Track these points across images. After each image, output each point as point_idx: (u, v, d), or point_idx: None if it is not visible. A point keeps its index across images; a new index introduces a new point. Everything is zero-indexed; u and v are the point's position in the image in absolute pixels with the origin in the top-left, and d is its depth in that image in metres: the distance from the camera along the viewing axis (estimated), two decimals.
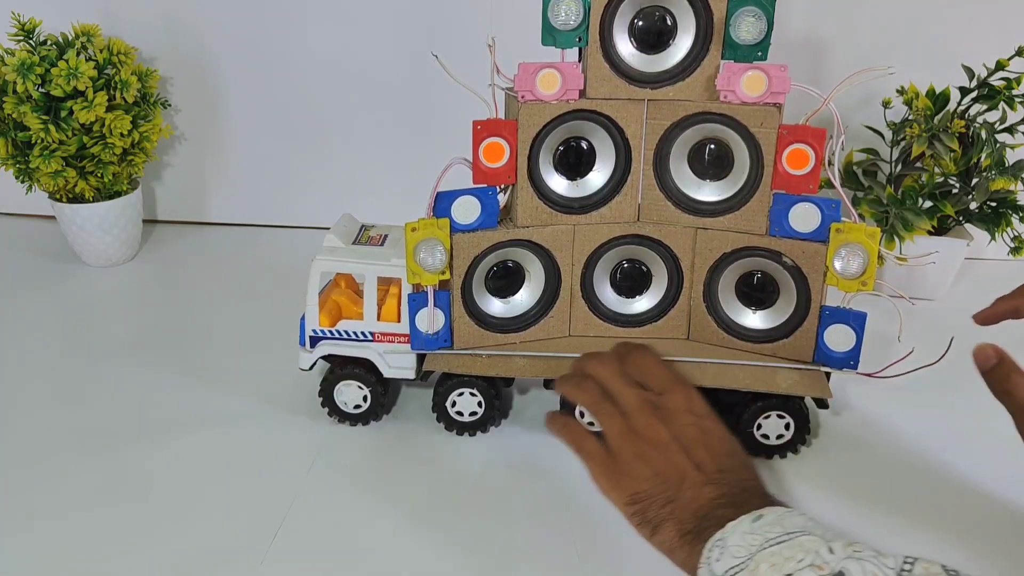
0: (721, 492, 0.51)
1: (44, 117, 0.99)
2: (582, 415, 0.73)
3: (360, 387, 0.74)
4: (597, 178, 0.72)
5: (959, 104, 0.94)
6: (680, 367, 0.72)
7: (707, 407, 0.58)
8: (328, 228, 0.75)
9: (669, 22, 0.68)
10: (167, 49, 1.15)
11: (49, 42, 1.02)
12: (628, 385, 0.59)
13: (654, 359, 0.63)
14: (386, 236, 0.77)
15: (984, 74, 0.92)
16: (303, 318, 0.74)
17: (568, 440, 0.59)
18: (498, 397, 0.74)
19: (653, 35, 0.68)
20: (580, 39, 0.67)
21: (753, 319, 0.74)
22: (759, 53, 0.66)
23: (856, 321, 0.68)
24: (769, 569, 0.43)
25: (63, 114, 1.00)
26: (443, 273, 0.70)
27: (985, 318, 0.63)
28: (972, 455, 0.72)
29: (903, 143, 0.96)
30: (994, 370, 0.57)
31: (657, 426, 0.56)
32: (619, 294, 0.76)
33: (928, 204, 0.96)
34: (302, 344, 0.74)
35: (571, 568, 0.61)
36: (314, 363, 0.75)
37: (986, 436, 0.75)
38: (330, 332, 0.73)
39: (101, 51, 1.02)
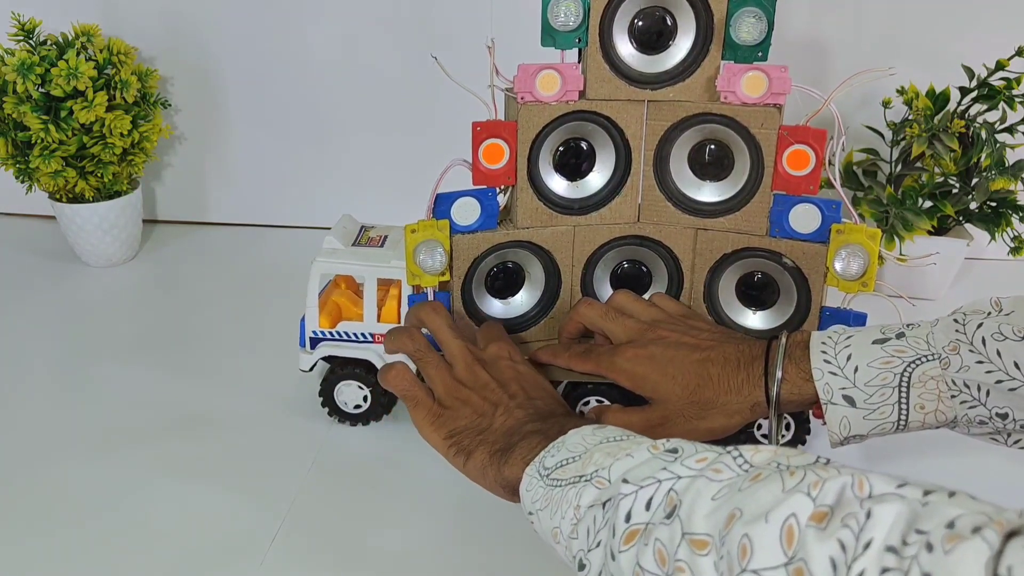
0: (529, 414, 0.57)
1: (44, 117, 0.99)
2: (582, 415, 0.73)
3: (360, 387, 0.74)
4: (597, 179, 0.72)
5: (959, 104, 0.94)
6: None
7: (524, 359, 0.65)
8: (328, 228, 0.76)
9: (669, 23, 0.68)
10: (167, 49, 1.15)
11: (49, 42, 1.02)
12: (455, 337, 0.65)
13: (491, 324, 0.70)
14: (386, 237, 0.77)
15: (984, 74, 0.92)
16: (303, 319, 0.74)
17: (396, 388, 0.63)
18: None
19: (653, 36, 0.68)
20: (580, 40, 0.67)
21: (753, 320, 0.74)
22: (759, 54, 0.66)
23: (856, 322, 0.68)
24: (603, 456, 0.46)
25: (63, 114, 1.00)
26: (443, 275, 0.70)
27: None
28: (973, 453, 0.72)
29: (903, 143, 0.96)
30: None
31: (478, 371, 0.62)
32: None
33: (928, 204, 0.96)
34: (302, 345, 0.74)
35: (571, 568, 0.61)
36: (314, 364, 0.75)
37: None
38: (330, 333, 0.73)
39: (101, 51, 1.02)
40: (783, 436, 0.70)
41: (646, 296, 0.75)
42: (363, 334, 0.73)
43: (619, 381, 0.65)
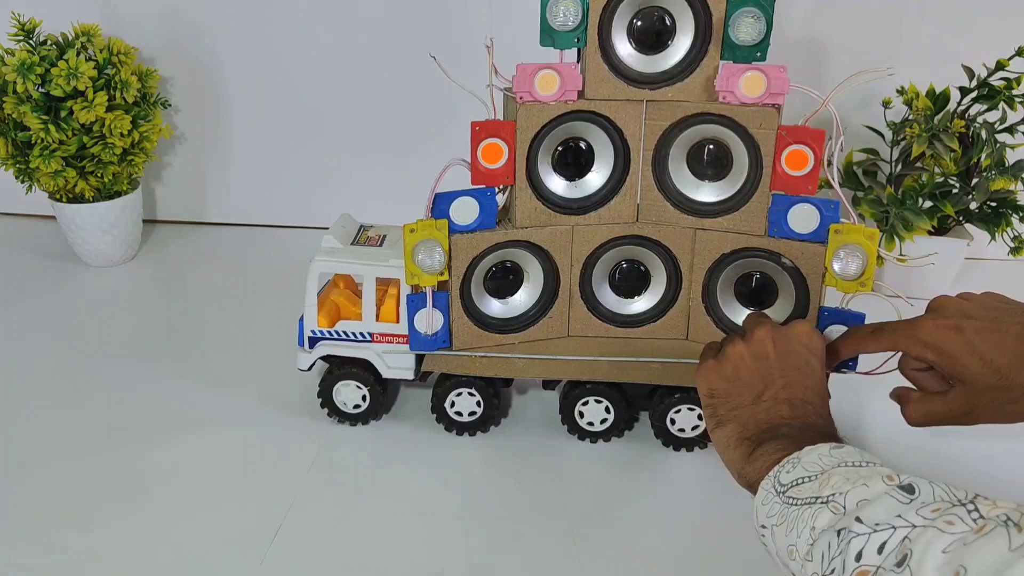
0: (794, 415, 0.54)
1: (44, 117, 0.99)
2: (581, 415, 0.73)
3: (359, 387, 0.74)
4: (596, 179, 0.72)
5: (959, 104, 0.94)
6: (679, 368, 0.72)
7: (823, 351, 0.61)
8: (328, 228, 0.76)
9: (668, 23, 0.68)
10: (167, 49, 1.15)
11: (49, 42, 1.02)
12: (764, 320, 0.63)
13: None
14: (384, 236, 0.77)
15: (984, 74, 0.92)
16: (302, 319, 0.74)
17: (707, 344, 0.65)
18: (497, 397, 0.74)
19: (652, 36, 0.68)
20: (578, 40, 0.67)
21: None
22: (758, 54, 0.66)
23: (855, 322, 0.68)
24: (841, 481, 0.45)
25: (63, 114, 1.00)
26: (442, 274, 0.70)
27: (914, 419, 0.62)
28: (973, 450, 0.73)
29: (903, 143, 0.96)
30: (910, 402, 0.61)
31: (768, 342, 0.59)
32: (618, 295, 0.76)
33: (928, 204, 0.96)
34: (301, 345, 0.75)
35: (571, 568, 0.61)
36: (313, 363, 0.75)
37: (986, 430, 0.75)
38: (329, 333, 0.73)
39: (101, 51, 1.02)
40: None
41: (644, 299, 0.75)
42: (362, 333, 0.73)
43: (924, 357, 0.58)
